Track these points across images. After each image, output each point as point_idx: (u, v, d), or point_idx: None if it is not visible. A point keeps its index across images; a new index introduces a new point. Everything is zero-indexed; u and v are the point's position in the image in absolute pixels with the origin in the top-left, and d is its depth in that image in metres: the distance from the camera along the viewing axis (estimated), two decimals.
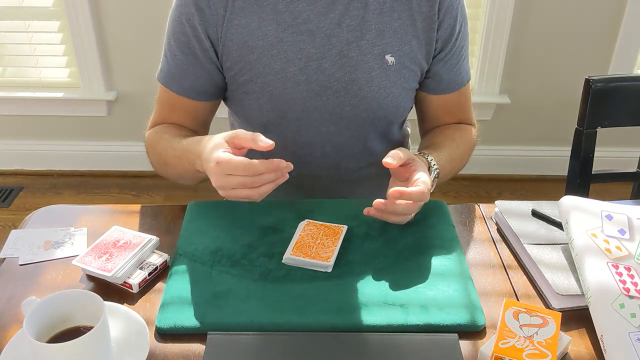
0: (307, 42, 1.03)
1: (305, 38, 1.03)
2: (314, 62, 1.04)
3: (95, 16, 2.33)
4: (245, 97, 1.08)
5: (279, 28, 1.02)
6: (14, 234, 0.98)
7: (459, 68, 1.12)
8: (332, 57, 1.04)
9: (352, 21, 1.03)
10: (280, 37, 1.03)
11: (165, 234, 0.97)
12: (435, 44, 1.07)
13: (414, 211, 0.94)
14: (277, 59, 1.03)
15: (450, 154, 1.09)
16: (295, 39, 1.03)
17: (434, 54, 1.09)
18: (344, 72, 1.05)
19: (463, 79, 1.14)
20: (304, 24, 1.02)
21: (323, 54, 1.04)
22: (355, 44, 1.04)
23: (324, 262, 0.88)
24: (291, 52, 1.03)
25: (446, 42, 1.08)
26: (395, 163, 0.93)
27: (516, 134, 2.58)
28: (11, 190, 2.56)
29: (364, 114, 1.09)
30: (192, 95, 1.08)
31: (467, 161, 1.19)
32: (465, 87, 1.16)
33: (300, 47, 1.03)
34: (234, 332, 0.78)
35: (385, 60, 1.05)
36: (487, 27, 2.33)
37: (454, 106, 1.17)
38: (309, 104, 1.07)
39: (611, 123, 1.28)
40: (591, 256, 0.83)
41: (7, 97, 2.50)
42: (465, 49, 1.12)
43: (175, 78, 1.07)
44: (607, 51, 2.39)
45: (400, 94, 1.09)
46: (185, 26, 1.02)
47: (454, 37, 1.08)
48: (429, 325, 0.80)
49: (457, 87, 1.14)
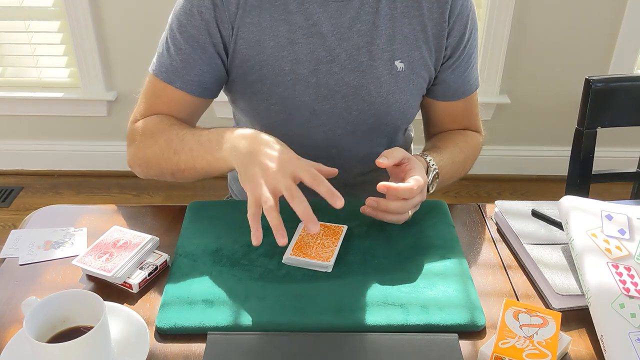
0: (317, 45, 1.02)
1: (316, 41, 1.02)
2: (324, 65, 1.03)
3: (95, 16, 2.33)
4: (253, 97, 1.07)
5: (290, 29, 1.02)
6: (14, 234, 0.98)
7: (467, 76, 1.12)
8: (342, 61, 1.03)
9: (363, 26, 1.02)
10: (291, 39, 1.02)
11: (165, 234, 0.97)
12: (444, 50, 1.07)
13: (407, 210, 0.94)
14: (287, 61, 1.03)
15: (452, 158, 1.08)
16: (306, 41, 1.02)
17: (443, 61, 1.08)
18: (354, 77, 1.04)
19: (471, 86, 1.14)
20: (315, 26, 1.02)
21: (333, 57, 1.03)
22: (365, 48, 1.03)
23: (324, 262, 0.88)
24: (302, 54, 1.03)
25: (455, 49, 1.07)
26: (388, 162, 0.93)
27: (516, 134, 2.58)
28: (11, 190, 2.56)
29: (372, 119, 1.08)
30: (196, 91, 1.05)
31: (470, 167, 1.18)
32: (472, 95, 1.15)
33: (311, 49, 1.02)
34: (234, 332, 0.78)
35: (394, 66, 1.05)
36: (487, 27, 2.33)
37: (460, 113, 1.17)
38: (317, 106, 1.06)
39: (611, 123, 1.28)
40: (591, 256, 0.83)
41: (7, 97, 2.51)
42: (474, 57, 1.12)
43: (179, 73, 1.04)
44: (607, 51, 2.39)
45: (408, 101, 1.09)
46: (196, 19, 1.01)
47: (462, 44, 1.07)
48: (429, 325, 0.80)
49: (464, 95, 1.13)
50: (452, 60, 1.09)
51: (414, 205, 0.95)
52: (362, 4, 1.02)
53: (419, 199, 0.95)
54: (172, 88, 1.05)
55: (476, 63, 1.14)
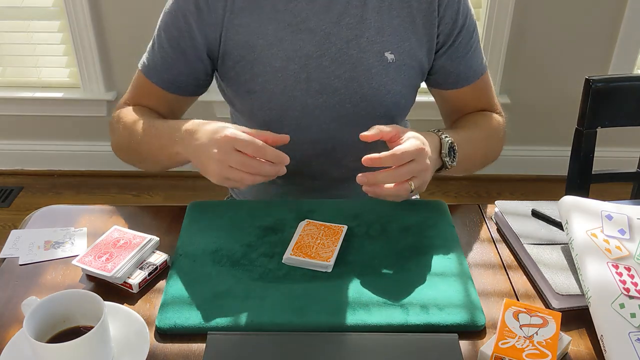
0: (306, 41, 1.03)
1: (304, 36, 1.03)
2: (313, 60, 1.04)
3: (95, 16, 2.33)
4: (247, 96, 1.08)
5: (278, 27, 1.02)
6: (14, 234, 0.98)
7: (468, 61, 1.11)
8: (332, 55, 1.04)
9: (351, 19, 1.03)
10: (280, 36, 1.03)
11: (165, 234, 0.97)
12: (436, 39, 1.07)
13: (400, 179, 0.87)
14: (277, 58, 1.04)
15: (470, 135, 1.06)
16: (295, 38, 1.03)
17: (436, 49, 1.08)
18: (344, 70, 1.05)
19: (475, 72, 1.13)
20: (303, 22, 1.02)
21: (323, 52, 1.04)
22: (354, 41, 1.04)
23: (324, 262, 0.88)
24: (291, 51, 1.03)
25: (448, 37, 1.07)
26: (370, 134, 0.90)
27: (516, 134, 2.57)
28: (11, 190, 2.56)
29: (365, 111, 1.08)
30: (171, 89, 1.09)
31: (496, 148, 1.15)
32: (479, 80, 1.14)
33: (300, 45, 1.03)
34: (234, 332, 0.78)
35: (384, 57, 1.05)
36: (487, 27, 2.33)
37: (471, 99, 1.16)
38: (309, 102, 1.07)
39: (611, 123, 1.28)
40: (591, 256, 0.83)
41: (7, 97, 2.51)
42: (473, 42, 1.11)
43: (157, 69, 1.07)
44: (607, 51, 2.39)
45: (401, 91, 1.09)
46: (180, 21, 1.03)
47: (456, 31, 1.07)
48: (429, 325, 0.80)
49: (469, 81, 1.13)
50: (446, 47, 1.08)
51: (410, 173, 0.88)
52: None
53: (415, 166, 0.88)
54: (150, 82, 1.09)
55: (478, 48, 1.12)
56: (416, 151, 0.88)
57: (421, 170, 0.89)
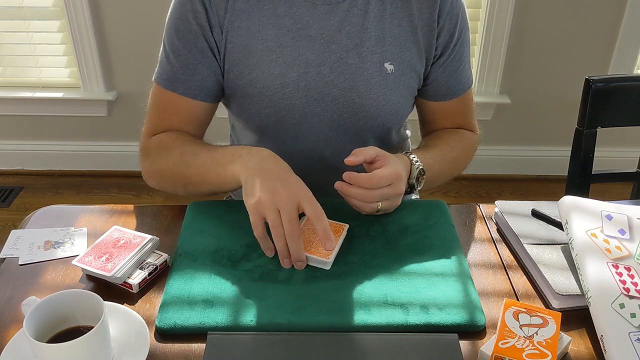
0: (306, 48, 1.02)
1: (304, 44, 1.02)
2: (313, 68, 1.03)
3: (95, 16, 2.34)
4: (244, 101, 1.07)
5: (278, 33, 1.02)
6: (14, 234, 0.98)
7: (458, 75, 1.11)
8: (332, 63, 1.03)
9: (352, 28, 1.02)
10: (280, 42, 1.02)
11: (165, 234, 0.97)
12: (435, 50, 1.07)
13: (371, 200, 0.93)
14: (276, 64, 1.03)
15: (442, 156, 1.08)
16: (295, 44, 1.02)
17: (433, 61, 1.08)
18: (343, 79, 1.04)
19: (463, 86, 1.13)
20: (304, 29, 1.02)
21: (322, 60, 1.03)
22: (354, 50, 1.03)
23: (324, 258, 0.88)
24: (290, 58, 1.03)
25: (445, 49, 1.07)
26: (355, 159, 0.93)
27: (516, 134, 2.58)
28: (11, 190, 2.56)
29: (362, 120, 1.08)
30: (200, 96, 1.06)
31: (464, 166, 1.18)
32: (465, 94, 1.15)
33: (300, 52, 1.03)
34: (234, 332, 0.78)
35: (384, 68, 1.04)
36: (487, 27, 2.33)
37: (453, 113, 1.16)
38: (307, 109, 1.06)
39: (611, 123, 1.28)
40: (591, 256, 0.83)
41: (7, 97, 2.51)
42: (465, 56, 1.11)
43: (182, 79, 1.04)
44: (607, 51, 2.39)
45: (399, 101, 1.09)
46: (192, 23, 1.01)
47: (453, 43, 1.07)
48: (429, 325, 0.80)
49: (455, 95, 1.13)
50: (442, 59, 1.08)
51: (382, 197, 0.94)
52: (350, 6, 1.02)
53: (389, 191, 0.93)
54: (176, 95, 1.05)
55: (468, 62, 1.14)
56: (394, 176, 0.93)
57: (395, 194, 0.95)
